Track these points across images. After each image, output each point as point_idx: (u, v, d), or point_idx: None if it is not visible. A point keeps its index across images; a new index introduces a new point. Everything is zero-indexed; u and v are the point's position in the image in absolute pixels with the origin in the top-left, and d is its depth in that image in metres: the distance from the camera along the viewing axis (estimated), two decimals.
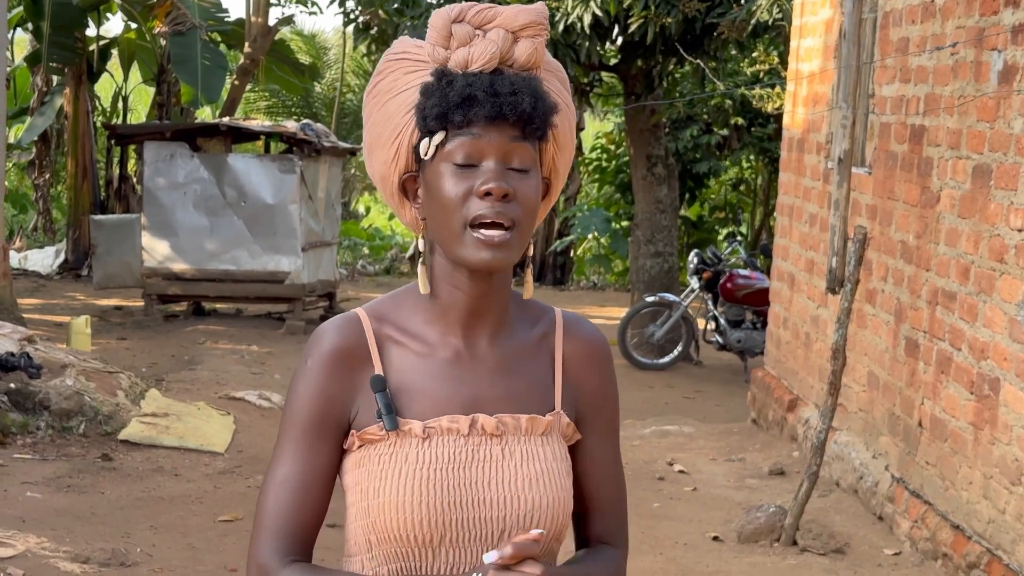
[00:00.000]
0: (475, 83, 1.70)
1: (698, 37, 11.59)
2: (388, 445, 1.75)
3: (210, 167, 12.91)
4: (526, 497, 1.76)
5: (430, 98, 1.72)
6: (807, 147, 8.36)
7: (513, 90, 1.70)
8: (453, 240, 1.72)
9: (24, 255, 17.50)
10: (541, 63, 1.76)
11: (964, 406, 5.54)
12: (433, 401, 1.78)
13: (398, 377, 1.79)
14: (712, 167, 16.16)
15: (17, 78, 18.59)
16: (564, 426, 1.83)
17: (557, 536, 1.80)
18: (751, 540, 6.08)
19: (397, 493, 1.73)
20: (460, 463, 1.75)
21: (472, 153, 1.71)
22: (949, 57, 5.85)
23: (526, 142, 1.72)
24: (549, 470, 1.78)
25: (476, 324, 1.80)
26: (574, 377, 1.86)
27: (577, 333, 1.88)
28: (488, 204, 1.70)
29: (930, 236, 6.01)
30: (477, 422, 1.77)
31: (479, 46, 1.72)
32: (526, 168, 1.73)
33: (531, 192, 1.73)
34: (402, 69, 1.78)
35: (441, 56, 1.73)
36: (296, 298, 12.87)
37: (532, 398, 1.81)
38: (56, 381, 7.80)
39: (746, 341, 11.40)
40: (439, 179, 1.72)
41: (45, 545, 5.64)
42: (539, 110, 1.71)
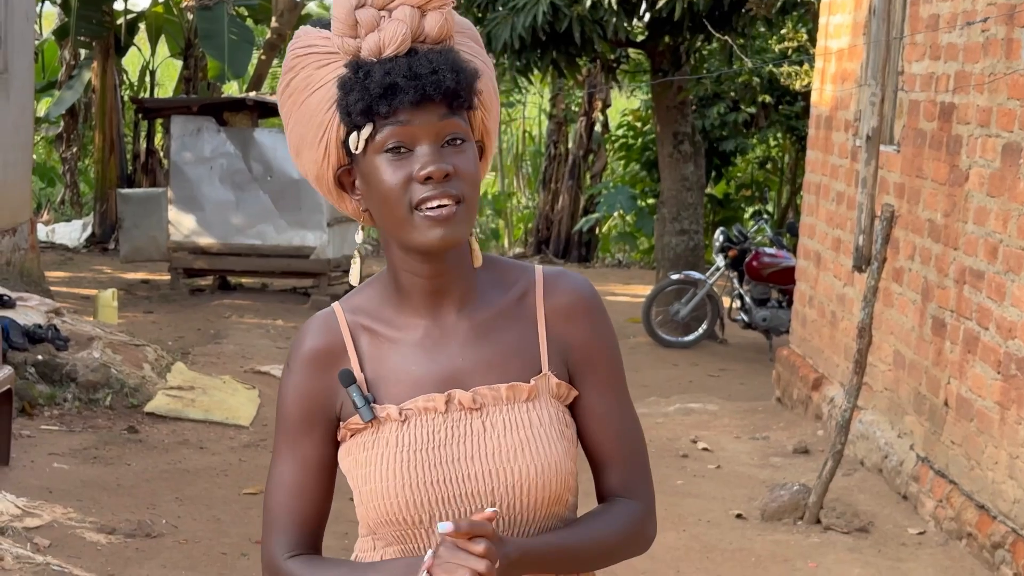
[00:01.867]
0: (393, 70, 1.66)
1: (726, 14, 11.52)
2: (370, 432, 1.77)
3: (236, 141, 12.93)
4: (511, 467, 1.74)
5: (350, 93, 1.68)
6: (835, 125, 8.31)
7: (433, 68, 1.67)
8: (402, 226, 1.70)
9: (52, 228, 17.59)
10: (452, 32, 1.73)
11: (990, 385, 5.51)
12: (409, 383, 1.77)
13: (373, 366, 1.79)
14: (739, 145, 16.09)
15: (45, 52, 18.66)
16: (553, 387, 1.79)
17: (556, 500, 1.77)
18: (774, 518, 6.08)
19: (381, 479, 1.74)
20: (440, 441, 1.75)
21: (404, 140, 1.68)
22: (980, 34, 5.80)
23: (455, 116, 1.70)
24: (535, 437, 1.75)
25: (441, 301, 1.78)
26: (560, 333, 1.81)
27: (559, 287, 1.83)
28: (430, 187, 1.68)
29: (958, 215, 5.97)
30: (453, 398, 1.76)
31: (388, 29, 1.67)
32: (460, 140, 1.71)
33: (470, 165, 1.71)
34: (313, 63, 1.73)
35: (351, 47, 1.69)
36: (321, 273, 12.90)
37: (512, 364, 1.78)
38: (83, 353, 7.85)
39: (771, 319, 11.36)
40: (375, 172, 1.70)
41: (71, 516, 5.68)
42: (463, 83, 1.69)
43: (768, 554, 5.65)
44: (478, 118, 1.77)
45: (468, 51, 1.76)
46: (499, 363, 1.78)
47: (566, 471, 1.78)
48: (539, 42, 11.14)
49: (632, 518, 1.83)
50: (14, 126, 10.57)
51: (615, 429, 1.84)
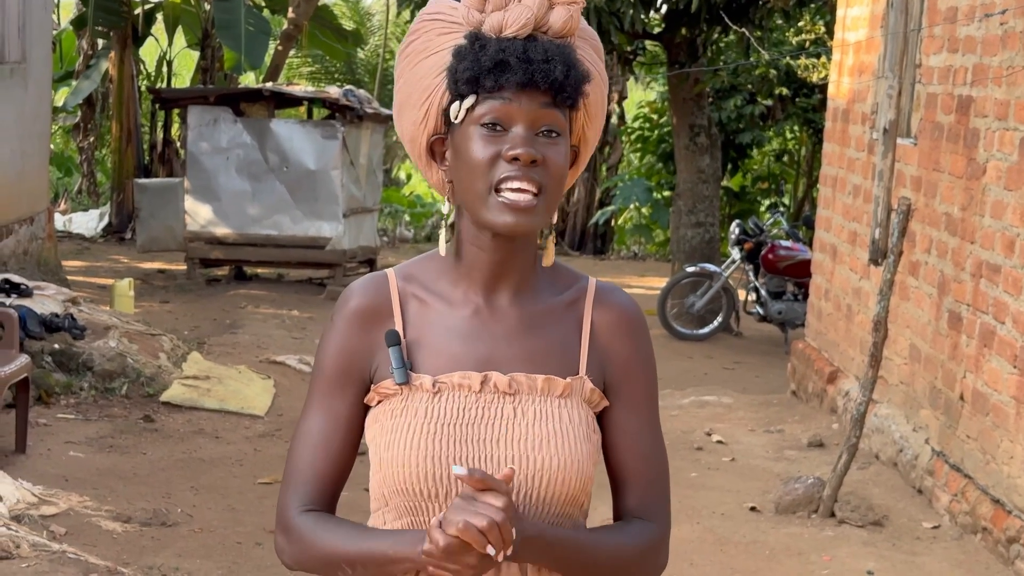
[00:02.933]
0: (508, 48, 1.70)
1: (743, 6, 11.50)
2: (400, 399, 1.78)
3: (253, 132, 12.95)
4: (535, 457, 1.74)
5: (462, 61, 1.72)
6: (852, 117, 8.29)
7: (546, 57, 1.70)
8: (478, 203, 1.73)
9: (68, 218, 17.65)
10: (576, 30, 1.76)
11: (1007, 380, 5.50)
12: (448, 357, 1.79)
13: (416, 333, 1.81)
14: (755, 137, 16.06)
15: (63, 41, 18.71)
16: (587, 391, 1.81)
17: (572, 500, 1.77)
18: (789, 511, 6.07)
19: (405, 446, 1.74)
20: (469, 419, 1.76)
21: (502, 118, 1.71)
22: (998, 27, 5.78)
23: (556, 109, 1.72)
24: (563, 432, 1.76)
25: (498, 284, 1.81)
26: (603, 345, 1.83)
27: (609, 301, 1.85)
28: (515, 168, 1.70)
29: (975, 208, 5.95)
30: (490, 380, 1.77)
31: (514, 11, 1.71)
32: (556, 134, 1.73)
33: (559, 158, 1.73)
34: (436, 30, 1.77)
35: (475, 19, 1.73)
36: (337, 264, 12.92)
37: (552, 359, 1.80)
38: (99, 343, 7.88)
39: (787, 312, 11.35)
40: (468, 142, 1.73)
41: (87, 504, 5.71)
42: (571, 78, 1.71)
43: (782, 547, 5.65)
44: (579, 122, 1.79)
45: (587, 58, 1.78)
46: (540, 356, 1.80)
47: (586, 473, 1.78)
48: None
49: (649, 540, 1.83)
50: (32, 115, 10.60)
51: (641, 449, 1.84)
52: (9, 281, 8.07)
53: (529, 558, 1.71)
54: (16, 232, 10.19)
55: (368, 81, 22.50)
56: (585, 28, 1.80)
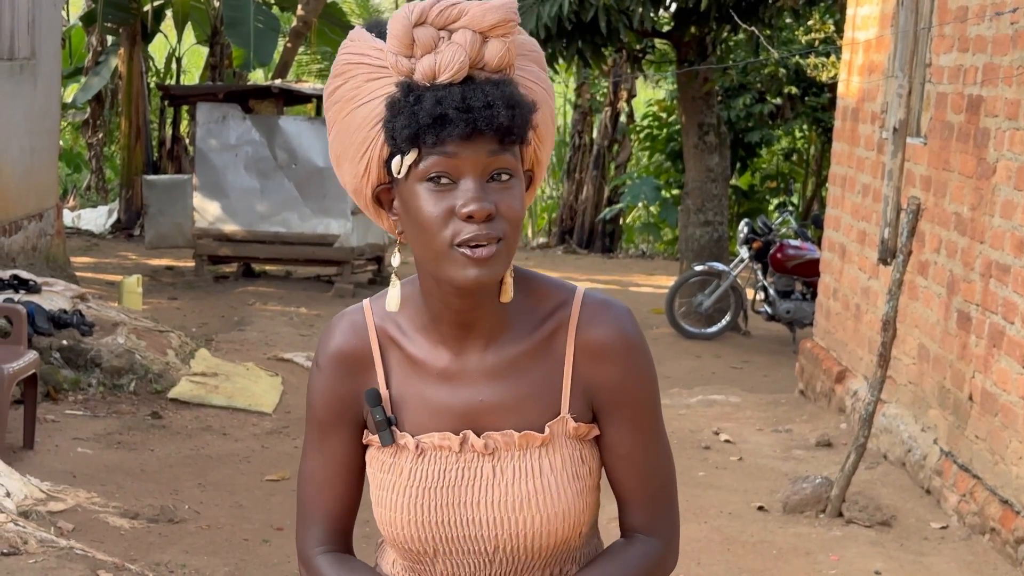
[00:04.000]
0: (445, 100, 1.57)
1: (753, 4, 11.48)
2: (389, 454, 1.77)
3: (262, 129, 12.96)
4: (516, 518, 1.72)
5: (397, 116, 1.60)
6: (861, 117, 8.27)
7: (487, 102, 1.57)
8: (438, 260, 1.63)
9: (77, 214, 17.68)
10: (514, 62, 1.62)
11: (1016, 380, 5.48)
12: (428, 413, 1.75)
13: (398, 387, 1.77)
14: (764, 136, 16.04)
15: (72, 38, 18.73)
16: (571, 430, 1.75)
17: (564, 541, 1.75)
18: (796, 511, 6.06)
19: (391, 507, 1.75)
20: (450, 482, 1.74)
21: (448, 171, 1.60)
22: (1009, 26, 5.76)
23: (505, 152, 1.61)
24: (544, 488, 1.72)
25: (467, 336, 1.73)
26: (587, 372, 1.75)
27: (594, 323, 1.74)
28: (474, 227, 1.59)
29: (985, 208, 5.94)
30: (467, 439, 1.73)
31: (446, 54, 1.58)
32: (508, 175, 1.62)
33: (515, 203, 1.63)
34: (362, 75, 1.64)
35: (404, 67, 1.59)
36: (345, 261, 12.92)
37: (532, 406, 1.74)
38: (108, 339, 7.88)
39: (795, 312, 11.33)
40: (416, 200, 1.62)
41: (95, 500, 5.72)
42: (517, 119, 1.59)
43: (790, 547, 5.64)
44: (530, 149, 1.69)
45: (529, 77, 1.66)
46: (518, 405, 1.74)
47: (575, 517, 1.75)
48: (565, 32, 11.12)
49: (649, 558, 1.80)
50: (41, 112, 10.61)
51: (639, 469, 1.79)
52: (18, 277, 8.08)
53: None
54: (25, 228, 10.20)
55: None
56: (523, 42, 1.68)
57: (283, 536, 5.55)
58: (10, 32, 9.79)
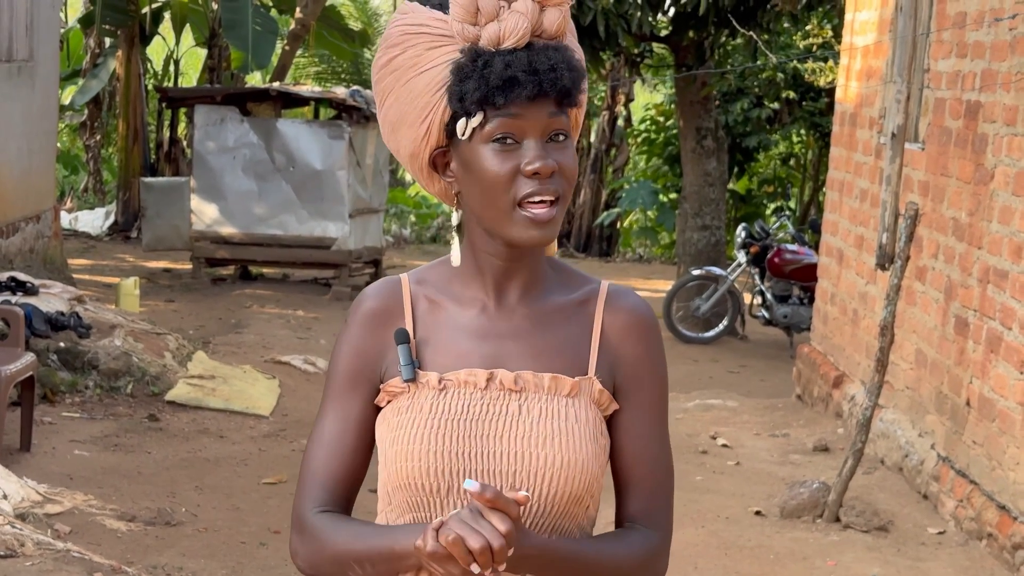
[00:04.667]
0: (513, 63, 1.68)
1: (751, 9, 11.49)
2: (407, 397, 1.78)
3: (260, 132, 12.96)
4: (538, 453, 1.74)
5: (466, 80, 1.69)
6: (859, 122, 8.28)
7: (551, 65, 1.69)
8: (501, 218, 1.73)
9: (74, 216, 17.66)
10: (567, 30, 1.74)
11: (1013, 386, 5.49)
12: (456, 355, 1.79)
13: (425, 332, 1.82)
14: (762, 141, 16.05)
15: (70, 40, 18.72)
16: (596, 392, 1.80)
17: (576, 500, 1.76)
18: (794, 515, 6.06)
19: (409, 441, 1.75)
20: (474, 416, 1.76)
21: (513, 132, 1.70)
22: (1007, 32, 5.77)
23: (562, 114, 1.72)
24: (568, 431, 1.75)
25: (508, 283, 1.81)
26: (614, 347, 1.82)
27: (621, 304, 1.85)
28: (537, 182, 1.70)
29: (983, 214, 5.94)
30: (496, 377, 1.77)
31: (509, 21, 1.68)
32: (564, 136, 1.73)
33: (572, 162, 1.74)
34: (423, 44, 1.73)
35: (471, 34, 1.70)
36: (342, 264, 12.92)
37: (561, 358, 1.80)
38: (105, 341, 7.88)
39: (792, 316, 11.34)
40: (480, 159, 1.72)
41: (92, 503, 5.71)
42: (576, 82, 1.72)
43: (787, 552, 5.64)
44: (574, 115, 1.79)
45: (572, 47, 1.77)
46: (547, 355, 1.80)
47: (591, 473, 1.76)
48: None
49: (650, 548, 1.82)
50: (39, 113, 10.61)
51: (648, 454, 1.83)
52: (15, 279, 8.07)
53: (529, 570, 1.71)
54: (22, 230, 10.19)
55: None
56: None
57: (280, 539, 5.54)
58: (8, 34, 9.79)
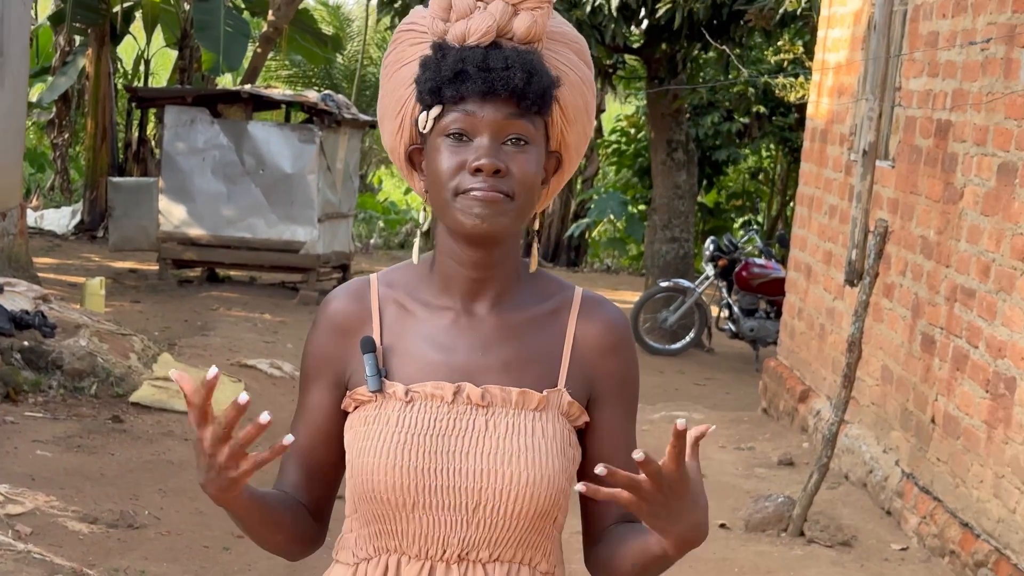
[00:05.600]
0: (468, 58, 1.68)
1: (724, 23, 11.54)
2: (374, 407, 1.77)
3: (230, 134, 12.90)
4: (504, 471, 1.72)
5: (425, 71, 1.72)
6: (830, 138, 8.32)
7: (506, 65, 1.68)
8: (446, 209, 1.72)
9: (40, 214, 17.54)
10: (542, 36, 1.73)
11: (978, 404, 5.52)
12: (423, 365, 1.78)
13: (392, 339, 1.80)
14: (731, 154, 16.12)
15: (40, 37, 18.59)
16: (566, 404, 1.78)
17: (544, 515, 1.75)
18: (758, 529, 6.08)
19: (375, 454, 1.74)
20: (440, 431, 1.74)
21: (466, 128, 1.70)
22: (979, 53, 5.81)
23: (523, 118, 1.70)
24: (535, 446, 1.73)
25: (478, 293, 1.79)
26: (588, 360, 1.81)
27: (596, 315, 1.84)
28: (480, 180, 1.69)
29: (951, 232, 5.98)
30: (463, 390, 1.75)
31: (476, 19, 1.70)
32: (524, 142, 1.71)
33: (528, 166, 1.71)
34: (408, 40, 1.78)
35: (440, 29, 1.72)
36: (310, 268, 12.87)
37: (530, 371, 1.78)
38: (69, 341, 7.82)
39: (759, 330, 11.38)
40: (435, 152, 1.73)
41: (54, 504, 5.66)
42: (533, 86, 1.69)
43: (751, 565, 5.65)
44: (556, 127, 1.78)
45: (563, 61, 1.77)
46: (517, 367, 1.78)
47: (559, 487, 1.75)
48: None
49: None
50: (7, 111, 10.52)
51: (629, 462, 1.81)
52: None
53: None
54: None
55: (346, 86, 22.46)
56: (565, 32, 1.79)
57: (244, 543, 5.51)
58: None
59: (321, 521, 1.89)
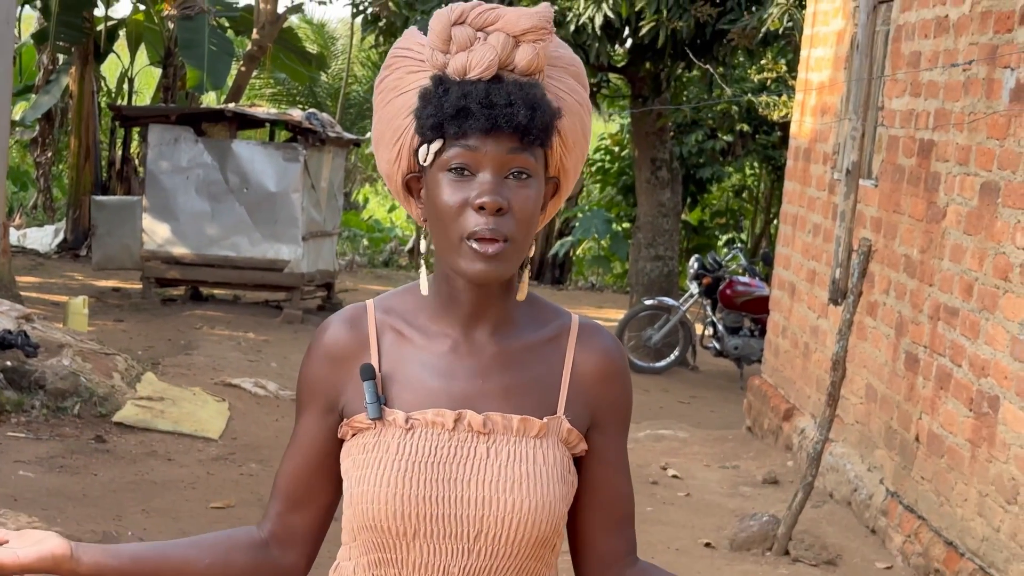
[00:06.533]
0: (470, 94, 1.67)
1: (708, 42, 11.59)
2: (373, 434, 1.76)
3: (214, 152, 12.88)
4: (506, 499, 1.72)
5: (426, 106, 1.70)
6: (814, 157, 8.35)
7: (509, 101, 1.66)
8: (450, 250, 1.72)
9: (23, 233, 17.47)
10: (543, 67, 1.72)
11: (962, 423, 5.54)
12: (423, 393, 1.77)
13: (391, 367, 1.79)
14: (715, 172, 16.16)
15: (23, 55, 18.56)
16: (565, 431, 1.79)
17: (544, 542, 1.75)
18: (743, 548, 6.08)
19: (375, 483, 1.73)
20: (441, 458, 1.74)
21: (468, 163, 1.69)
22: (961, 73, 5.84)
23: (525, 152, 1.69)
24: (536, 474, 1.74)
25: (476, 320, 1.79)
26: (587, 388, 1.82)
27: (594, 343, 1.83)
28: (483, 219, 1.68)
29: (934, 251, 6.00)
30: (464, 418, 1.75)
31: (478, 52, 1.68)
32: (526, 175, 1.71)
33: (528, 202, 1.71)
34: (405, 67, 1.75)
35: (440, 61, 1.70)
36: (295, 287, 12.85)
37: (530, 398, 1.78)
38: (52, 361, 7.78)
39: (743, 348, 11.40)
40: (437, 187, 1.71)
41: (36, 525, 5.62)
42: (536, 120, 1.68)
43: None
44: (556, 155, 1.77)
45: (562, 88, 1.76)
46: (516, 394, 1.78)
47: (559, 514, 1.76)
48: None
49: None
50: None
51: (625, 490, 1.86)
52: None
53: None
54: None
55: (330, 104, 22.46)
56: (562, 56, 1.77)
57: None
58: None
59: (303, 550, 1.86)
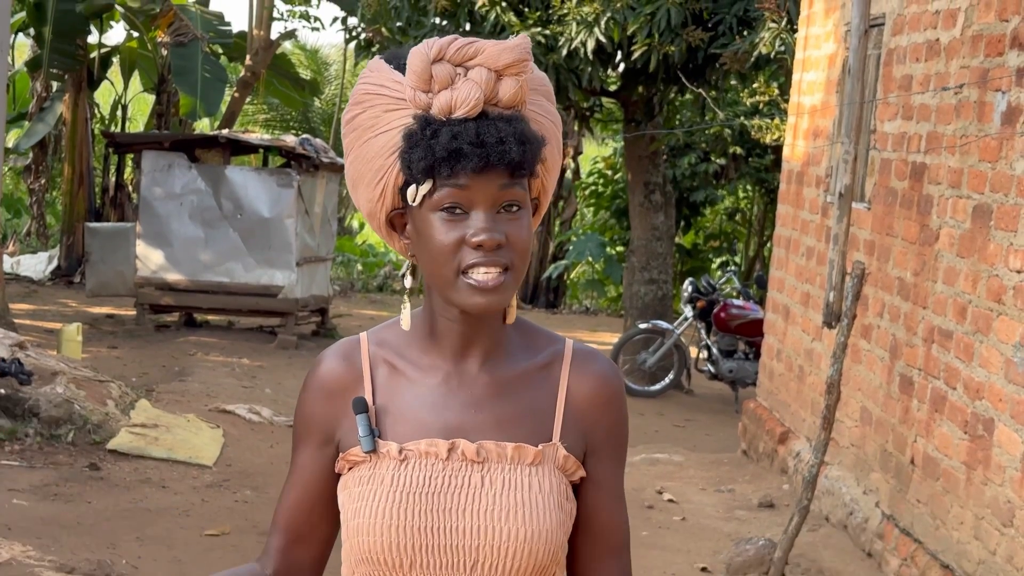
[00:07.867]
0: (460, 135, 1.65)
1: (700, 66, 11.62)
2: (368, 467, 1.76)
3: (208, 178, 12.89)
4: (501, 528, 1.71)
5: (414, 148, 1.67)
6: (806, 180, 8.37)
7: (500, 138, 1.65)
8: (447, 286, 1.71)
9: (17, 260, 17.46)
10: (526, 99, 1.71)
11: (957, 445, 5.53)
12: (416, 425, 1.76)
13: (384, 400, 1.79)
14: (708, 196, 16.19)
15: (17, 83, 18.58)
16: (561, 459, 1.78)
17: (542, 571, 1.75)
18: (740, 572, 6.06)
19: (370, 515, 1.73)
20: (436, 488, 1.73)
21: (461, 202, 1.67)
22: (952, 96, 5.86)
23: (515, 186, 1.69)
24: (531, 502, 1.73)
25: (468, 350, 1.78)
26: (583, 414, 1.80)
27: (588, 368, 1.82)
28: (481, 254, 1.67)
29: (928, 274, 6.01)
30: (457, 447, 1.74)
31: (462, 90, 1.65)
32: (517, 207, 1.70)
33: (523, 233, 1.71)
34: (381, 105, 1.72)
35: (422, 101, 1.67)
36: (289, 312, 12.84)
37: (524, 426, 1.77)
38: (46, 388, 7.77)
39: (738, 371, 11.40)
40: (429, 228, 1.70)
41: (30, 554, 5.60)
42: (528, 154, 1.67)
43: None
44: (538, 179, 1.77)
45: (540, 112, 1.74)
46: (511, 422, 1.77)
47: (557, 542, 1.75)
48: None
49: None
50: None
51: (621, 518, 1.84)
52: None
53: None
54: None
55: (324, 130, 22.50)
56: (534, 78, 1.74)
57: None
58: None
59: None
